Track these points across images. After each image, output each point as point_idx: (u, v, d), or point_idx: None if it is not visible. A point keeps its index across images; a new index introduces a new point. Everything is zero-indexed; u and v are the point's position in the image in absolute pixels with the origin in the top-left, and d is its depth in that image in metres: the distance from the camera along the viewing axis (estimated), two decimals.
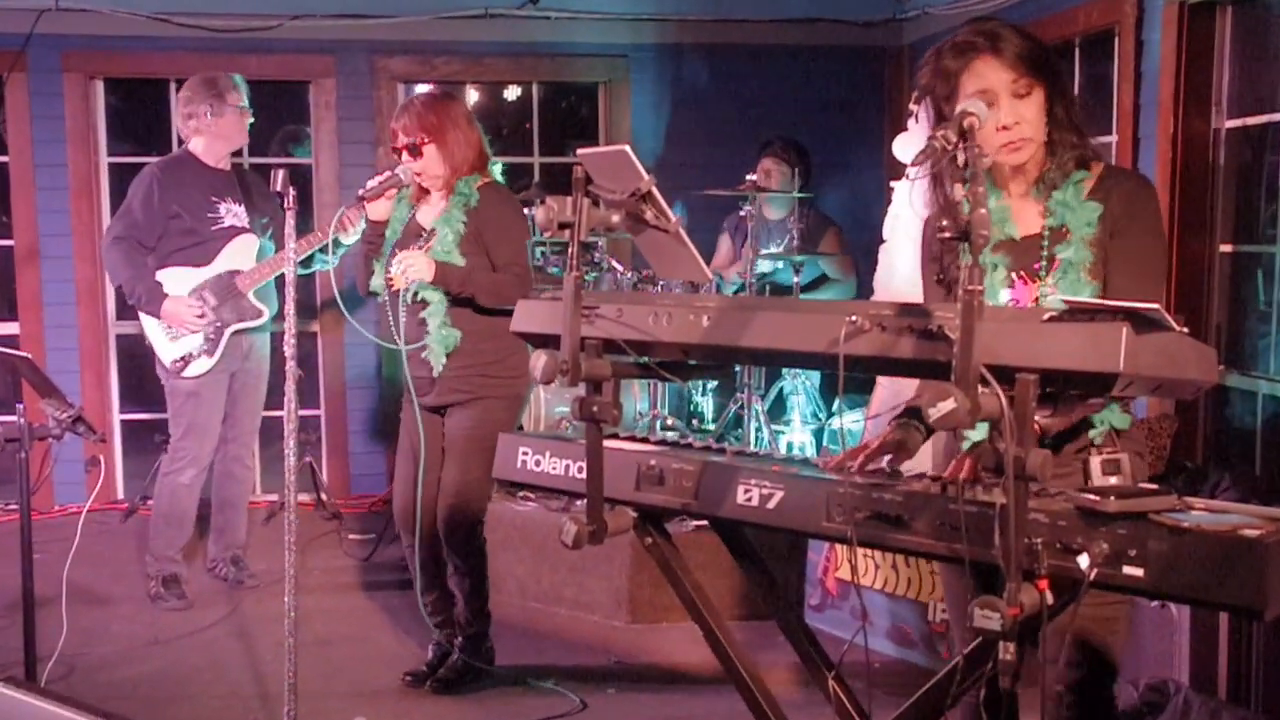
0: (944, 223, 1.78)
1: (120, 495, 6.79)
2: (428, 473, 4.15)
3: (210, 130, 5.10)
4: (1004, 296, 2.47)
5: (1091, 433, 2.42)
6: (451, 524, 4.12)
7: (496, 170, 4.20)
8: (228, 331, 5.09)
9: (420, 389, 4.13)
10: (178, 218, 5.03)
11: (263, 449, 6.33)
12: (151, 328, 5.07)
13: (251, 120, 5.22)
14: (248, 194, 5.21)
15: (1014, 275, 2.48)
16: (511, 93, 7.26)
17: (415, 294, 4.02)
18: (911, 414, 2.38)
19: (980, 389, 1.74)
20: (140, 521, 6.11)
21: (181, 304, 5.00)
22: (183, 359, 5.05)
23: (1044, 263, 2.45)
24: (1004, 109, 2.40)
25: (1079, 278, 2.39)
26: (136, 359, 6.85)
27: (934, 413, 1.72)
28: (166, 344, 5.06)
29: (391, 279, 4.04)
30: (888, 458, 2.25)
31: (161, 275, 5.04)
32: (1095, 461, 1.99)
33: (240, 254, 5.14)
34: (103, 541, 5.94)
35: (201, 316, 5.02)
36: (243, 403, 5.26)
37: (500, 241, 4.07)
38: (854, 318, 1.96)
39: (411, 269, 3.95)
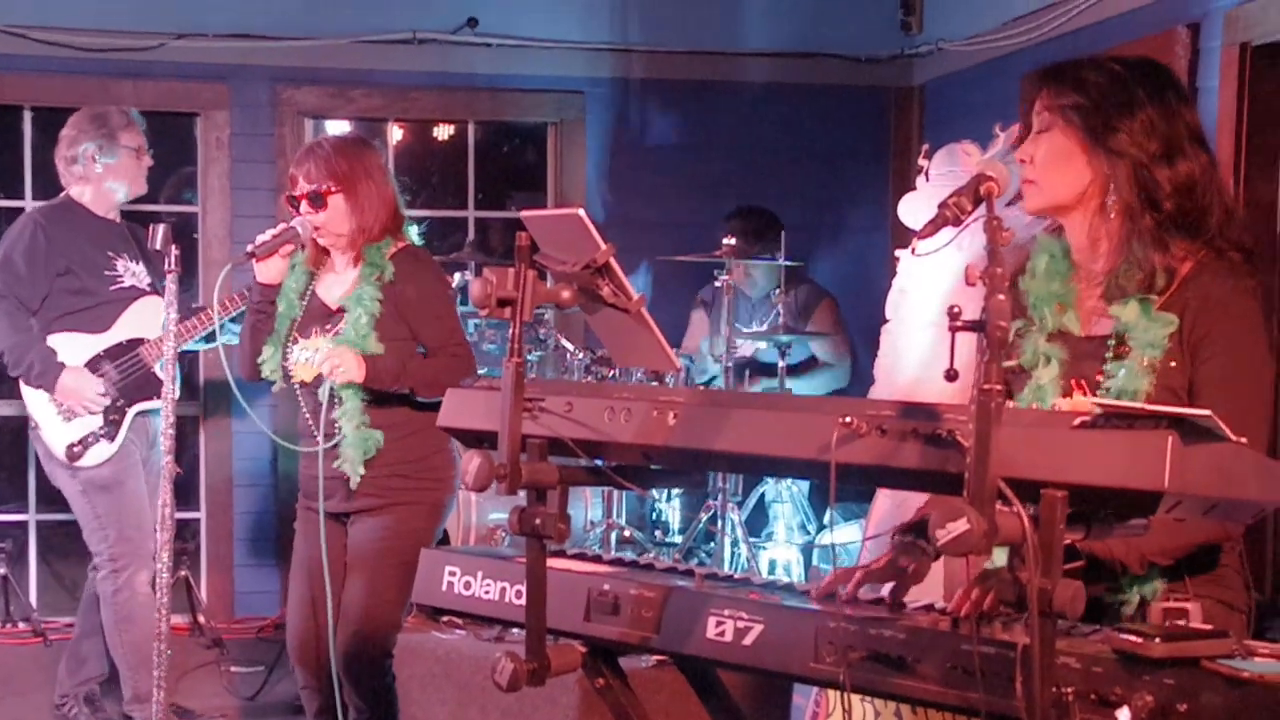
0: (954, 308, 1.82)
1: None
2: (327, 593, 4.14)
3: (99, 177, 5.12)
4: (1055, 404, 2.47)
5: (1118, 599, 2.40)
6: (353, 656, 4.09)
7: (413, 233, 4.23)
8: (131, 412, 5.07)
9: (316, 492, 4.12)
10: (68, 275, 5.02)
11: None
12: (39, 406, 5.01)
13: (150, 164, 5.24)
14: (144, 250, 5.19)
15: (1070, 381, 2.49)
16: (443, 132, 7.33)
17: (329, 387, 4.00)
18: (917, 531, 2.41)
19: (999, 507, 1.77)
20: None
21: (83, 377, 4.98)
22: (79, 443, 4.99)
23: (1105, 377, 2.44)
24: (1025, 142, 2.51)
25: None
26: None
27: (943, 535, 1.76)
28: (58, 426, 5.00)
29: (291, 368, 4.07)
30: (888, 586, 2.27)
31: (50, 342, 5.01)
32: (1155, 610, 2.01)
33: (144, 319, 5.11)
34: None
35: (103, 394, 5.00)
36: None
37: (429, 321, 4.10)
38: (848, 419, 2.00)
39: (340, 370, 3.94)
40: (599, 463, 2.34)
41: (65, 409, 4.99)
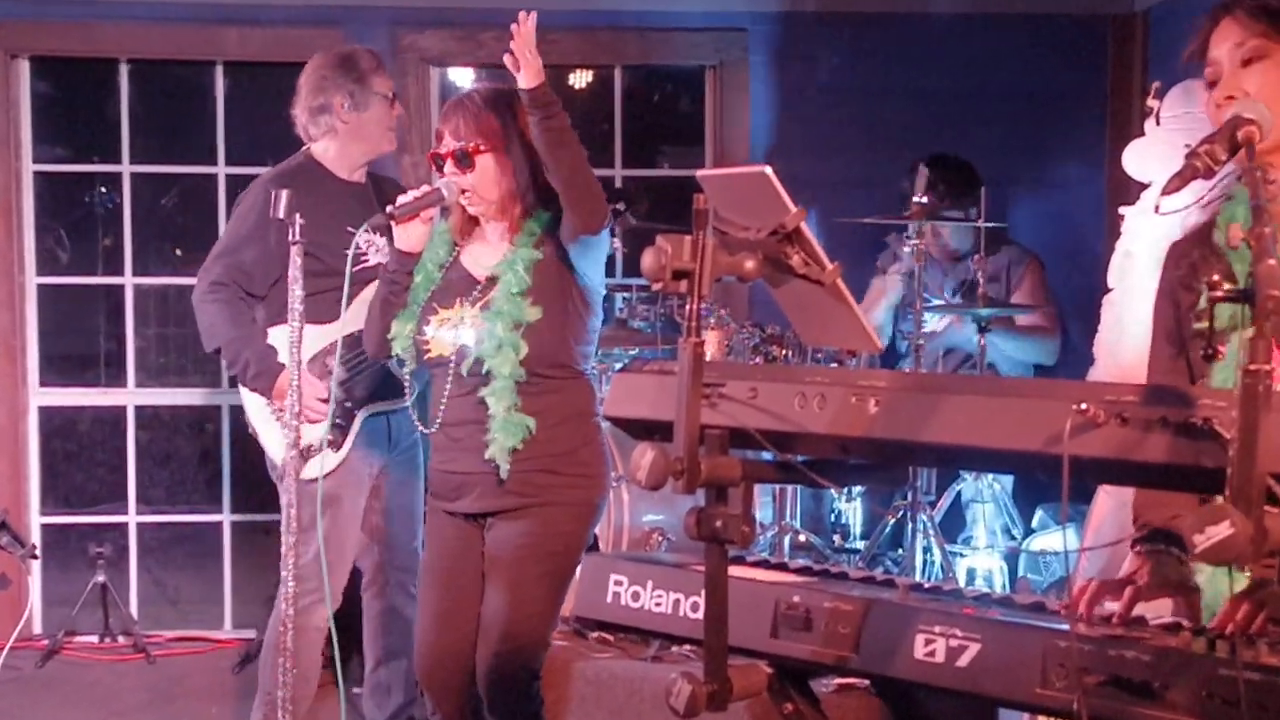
0: (1214, 277, 1.80)
1: (38, 629, 6.88)
2: (465, 607, 4.20)
3: (347, 131, 4.99)
4: None
5: None
6: (495, 677, 4.12)
7: None
8: (360, 415, 4.92)
9: (451, 489, 4.18)
10: (308, 258, 4.57)
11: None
12: (256, 410, 4.92)
13: (400, 113, 5.13)
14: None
15: None
16: (585, 79, 7.35)
17: (476, 361, 4.02)
18: (1161, 538, 2.37)
19: (1267, 508, 1.75)
20: (64, 667, 6.18)
21: (303, 380, 4.60)
22: (299, 456, 4.70)
23: None
24: (1223, 81, 2.49)
25: None
26: (63, 441, 6.99)
27: (1201, 540, 1.73)
28: (276, 434, 4.82)
29: (427, 342, 4.11)
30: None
31: (272, 335, 4.87)
32: None
33: None
34: (14, 696, 5.95)
35: (327, 399, 4.74)
36: (397, 500, 5.12)
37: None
38: (1083, 405, 1.98)
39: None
40: (789, 457, 2.33)
41: (286, 416, 4.70)
